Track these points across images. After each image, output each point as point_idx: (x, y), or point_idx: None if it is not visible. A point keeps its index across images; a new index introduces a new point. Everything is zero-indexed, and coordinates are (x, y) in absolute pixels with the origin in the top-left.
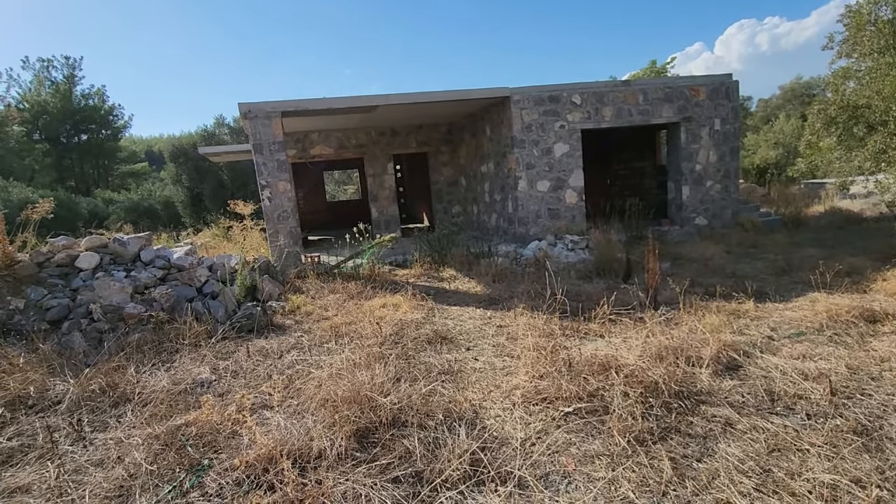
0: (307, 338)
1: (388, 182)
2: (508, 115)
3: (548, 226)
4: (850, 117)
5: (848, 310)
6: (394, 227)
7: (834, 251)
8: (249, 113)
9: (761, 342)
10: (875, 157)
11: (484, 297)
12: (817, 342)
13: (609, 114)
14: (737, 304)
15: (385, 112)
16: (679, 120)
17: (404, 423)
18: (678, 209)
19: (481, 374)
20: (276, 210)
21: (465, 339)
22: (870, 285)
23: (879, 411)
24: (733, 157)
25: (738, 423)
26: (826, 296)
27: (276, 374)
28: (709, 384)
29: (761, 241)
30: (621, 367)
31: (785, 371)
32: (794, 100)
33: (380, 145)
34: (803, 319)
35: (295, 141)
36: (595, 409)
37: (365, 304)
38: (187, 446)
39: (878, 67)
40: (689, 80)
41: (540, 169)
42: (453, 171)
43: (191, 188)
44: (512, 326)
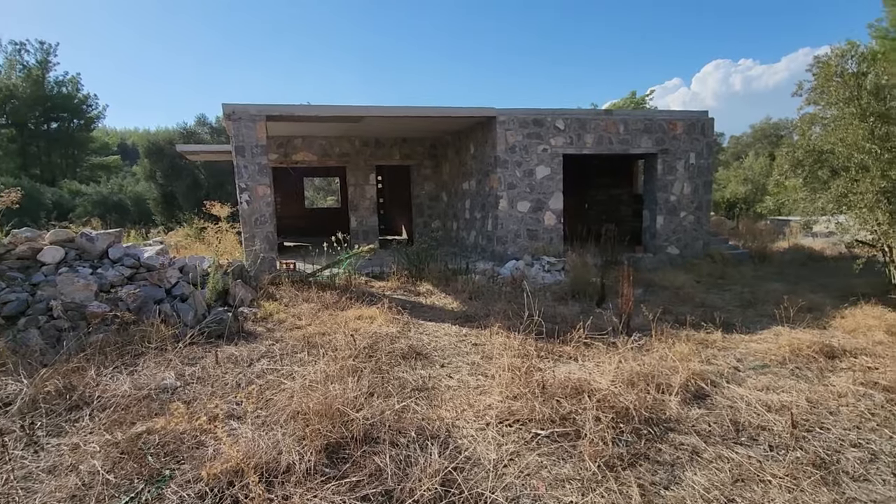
0: (279, 347)
1: (369, 192)
2: (493, 135)
3: (526, 246)
4: (815, 161)
5: (809, 345)
6: (372, 237)
7: (797, 287)
8: (233, 114)
9: (728, 372)
10: (837, 200)
11: (460, 314)
12: (780, 375)
13: (590, 141)
14: (705, 333)
15: (371, 123)
16: (657, 151)
17: (376, 440)
18: (652, 237)
19: (455, 392)
20: (254, 214)
21: (439, 355)
22: (829, 322)
23: (837, 445)
24: (706, 191)
25: (705, 452)
26: (789, 330)
27: (246, 383)
28: (677, 412)
29: (729, 272)
30: (594, 391)
31: (750, 402)
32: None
33: (363, 155)
34: (767, 352)
35: (277, 145)
36: (567, 432)
37: (340, 314)
38: (148, 455)
39: (842, 116)
40: (668, 114)
41: (521, 190)
42: (435, 185)
43: (164, 185)
44: (487, 345)
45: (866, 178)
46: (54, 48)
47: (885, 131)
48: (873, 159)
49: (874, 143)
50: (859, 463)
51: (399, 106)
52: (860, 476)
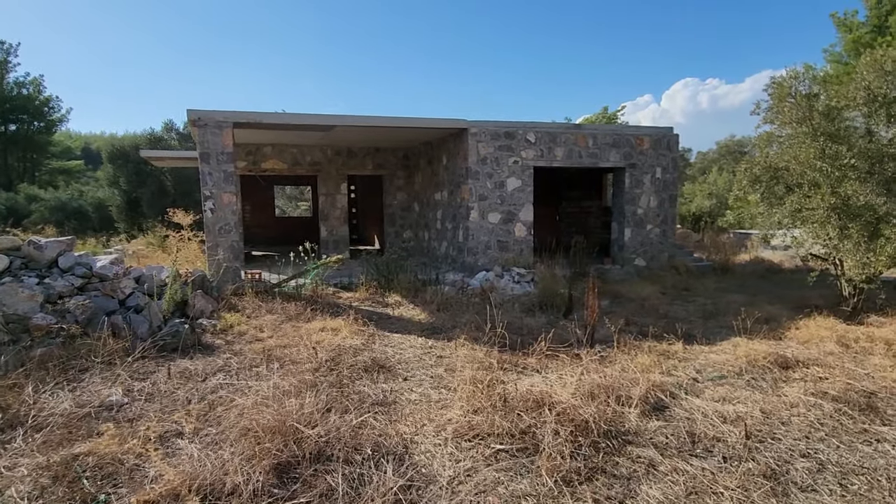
0: (236, 360)
1: (340, 202)
2: (465, 147)
3: (496, 257)
4: (771, 177)
5: (765, 355)
6: (343, 247)
7: (755, 298)
8: (199, 121)
9: (687, 383)
10: (792, 215)
11: (427, 326)
12: (736, 385)
13: (560, 154)
14: (667, 345)
15: (342, 133)
16: (624, 165)
17: (330, 458)
18: (620, 249)
19: (416, 407)
20: (219, 223)
21: (403, 368)
22: (784, 333)
23: (787, 455)
24: (671, 204)
25: (661, 465)
26: (746, 341)
27: (198, 399)
28: (636, 424)
29: (693, 284)
30: (555, 404)
31: (706, 413)
32: (728, 155)
33: (335, 164)
34: (725, 363)
35: (246, 153)
36: (526, 447)
37: (303, 326)
38: (83, 479)
39: (796, 136)
40: (635, 129)
41: (492, 201)
42: (407, 196)
43: (128, 192)
44: (452, 357)
45: (818, 195)
46: (15, 48)
47: (835, 150)
48: (824, 177)
49: (825, 161)
50: (808, 473)
51: (371, 116)
52: (808, 486)
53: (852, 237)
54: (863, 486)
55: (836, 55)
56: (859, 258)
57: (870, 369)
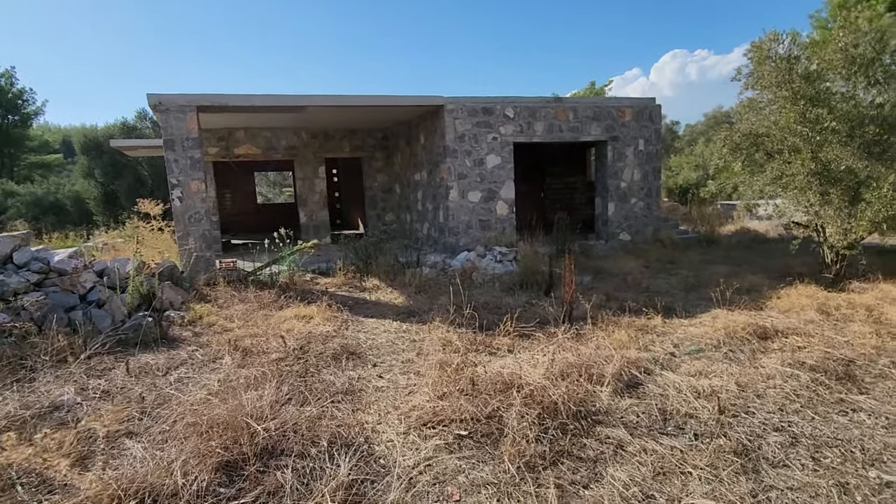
0: (202, 352)
1: (318, 186)
2: (442, 125)
3: (478, 237)
4: (751, 144)
5: (743, 326)
6: (324, 232)
7: (739, 268)
8: (160, 105)
9: (664, 358)
10: (773, 182)
11: (404, 309)
12: (714, 359)
13: (540, 129)
14: (646, 319)
15: (316, 114)
16: (606, 139)
17: (283, 452)
18: (604, 224)
19: (382, 394)
20: (188, 211)
21: (374, 354)
22: (766, 302)
23: (760, 430)
24: (655, 177)
25: (630, 445)
26: (726, 312)
27: (154, 396)
28: (607, 403)
29: (678, 257)
30: (524, 385)
31: (680, 388)
32: (716, 126)
33: (311, 148)
34: (704, 336)
35: (218, 138)
36: (491, 431)
37: (276, 314)
38: (17, 485)
39: (776, 100)
40: (616, 101)
41: (472, 179)
42: (388, 177)
43: (104, 184)
44: (426, 341)
45: (798, 160)
46: None
47: (815, 114)
48: (804, 142)
49: (805, 125)
50: (780, 448)
51: (343, 95)
52: (779, 462)
53: (833, 203)
54: (836, 459)
55: (822, 21)
56: (841, 224)
57: (849, 336)
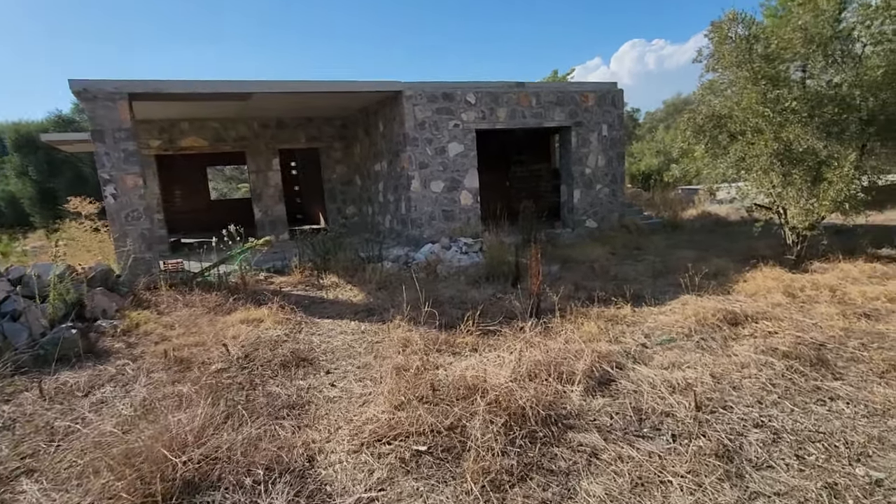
0: (133, 367)
1: (273, 179)
2: (401, 111)
3: (442, 228)
4: (714, 126)
5: (713, 313)
6: (281, 228)
7: (705, 253)
8: (85, 92)
9: (635, 350)
10: (736, 165)
11: (363, 307)
12: (686, 348)
13: (503, 115)
14: (616, 309)
15: (264, 102)
16: (570, 124)
17: (211, 486)
18: (570, 212)
19: (334, 405)
20: (124, 209)
21: (328, 359)
22: (733, 286)
23: (740, 427)
24: (620, 162)
25: (604, 452)
26: (695, 298)
27: (69, 422)
28: (579, 404)
29: (643, 242)
30: (490, 389)
31: (654, 384)
32: (675, 113)
33: (264, 139)
34: (675, 324)
35: (160, 130)
36: (453, 445)
37: (223, 319)
38: None
39: (737, 80)
40: (579, 86)
41: (434, 169)
42: (348, 168)
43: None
44: (385, 342)
45: (761, 141)
46: None
47: (776, 94)
48: (766, 122)
49: (766, 106)
50: (762, 446)
51: (291, 81)
52: (763, 463)
53: (795, 183)
54: (820, 457)
55: (772, 9)
56: (802, 204)
57: (817, 318)
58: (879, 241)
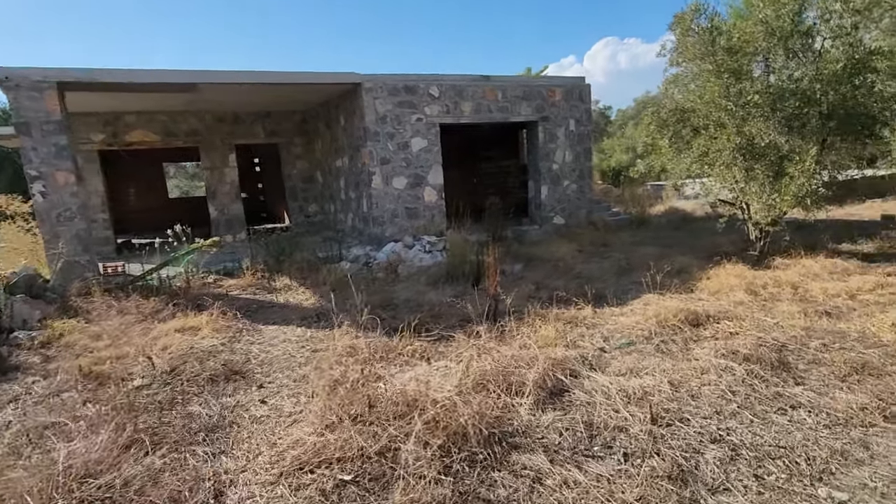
0: (43, 384)
1: (229, 176)
2: (361, 105)
3: (405, 226)
4: (678, 120)
5: (675, 313)
6: (238, 227)
7: (669, 249)
8: (7, 81)
9: (593, 355)
10: (699, 160)
11: (313, 312)
12: (645, 352)
13: (468, 109)
14: (576, 310)
15: (215, 94)
16: (537, 119)
17: None
18: (537, 208)
19: (259, 427)
20: (55, 208)
21: (263, 371)
22: (696, 284)
23: (696, 442)
24: (587, 158)
25: (549, 477)
26: (658, 297)
27: None
28: (527, 420)
29: (610, 239)
30: (430, 405)
31: (609, 393)
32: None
33: (218, 133)
34: (635, 326)
35: (103, 123)
36: (382, 472)
37: (157, 327)
38: None
39: (700, 73)
40: (546, 80)
41: (396, 164)
42: (309, 165)
43: None
44: (329, 350)
45: (724, 135)
46: None
47: (739, 88)
48: (729, 116)
49: (729, 99)
50: (719, 465)
51: (242, 71)
52: (720, 485)
53: (758, 178)
54: (780, 476)
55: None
56: (765, 200)
57: (779, 317)
58: (839, 237)
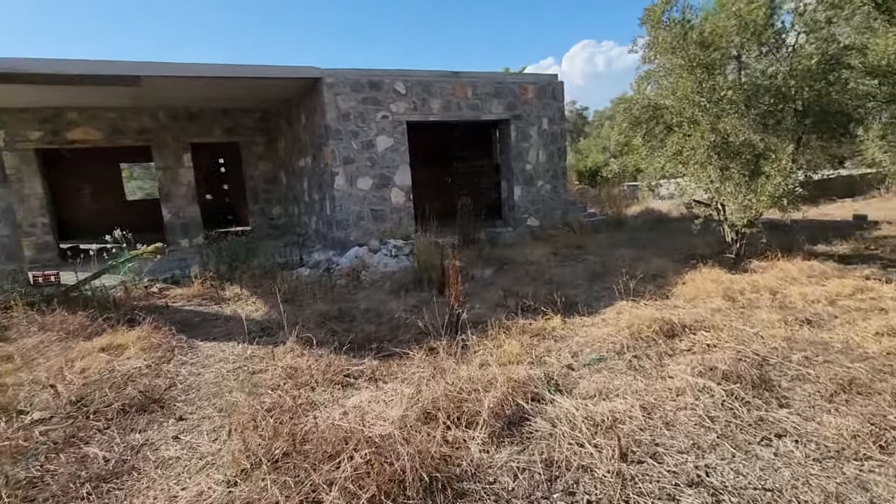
0: None
1: (185, 177)
2: (321, 101)
3: (372, 229)
4: (651, 117)
5: (649, 323)
6: (195, 231)
7: (644, 252)
8: None
9: (559, 374)
10: (674, 158)
11: (262, 325)
12: (616, 370)
13: (437, 106)
14: (544, 321)
15: (163, 89)
16: (509, 117)
17: None
18: (511, 209)
19: (164, 473)
20: None
21: (188, 399)
22: (671, 290)
23: (671, 486)
24: (561, 158)
25: None
26: (631, 305)
27: None
28: (478, 458)
29: (586, 241)
30: (366, 441)
31: (575, 422)
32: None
33: (171, 131)
34: (606, 338)
35: (40, 120)
36: None
37: (80, 346)
38: None
39: (672, 68)
40: (518, 77)
41: (361, 164)
42: (272, 165)
43: None
44: (269, 372)
45: (698, 133)
46: None
47: (712, 84)
48: (703, 112)
49: (703, 95)
50: None
51: (190, 64)
52: None
53: (733, 178)
54: None
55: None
56: (741, 200)
57: (758, 326)
58: (815, 238)
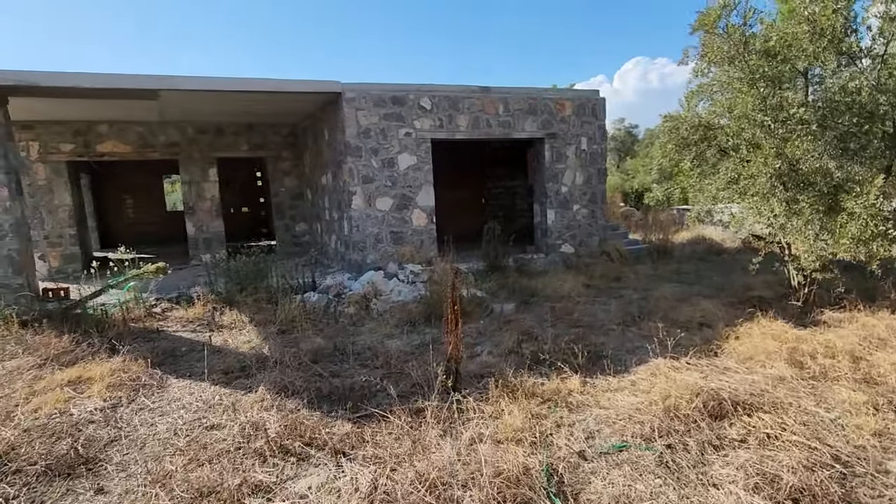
0: None
1: (209, 191)
2: (342, 117)
3: (390, 252)
4: (702, 138)
5: (690, 395)
6: (217, 246)
7: (691, 290)
8: None
9: (566, 465)
10: (728, 186)
11: (244, 362)
12: (641, 466)
13: (464, 123)
14: (560, 380)
15: (184, 102)
16: (543, 136)
17: None
18: (544, 234)
19: None
20: None
21: (123, 461)
22: (721, 345)
23: None
24: (600, 180)
25: None
26: (670, 364)
27: None
28: None
29: (625, 272)
30: None
31: None
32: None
33: (198, 145)
34: (634, 412)
35: (73, 132)
36: None
37: (49, 377)
38: None
39: (729, 81)
40: (555, 92)
41: (380, 183)
42: (298, 181)
43: None
44: (226, 429)
45: (758, 158)
46: None
47: (779, 100)
48: (766, 134)
49: (766, 113)
50: None
51: (208, 77)
52: None
53: (803, 213)
54: None
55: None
56: (812, 241)
57: (837, 410)
58: None
